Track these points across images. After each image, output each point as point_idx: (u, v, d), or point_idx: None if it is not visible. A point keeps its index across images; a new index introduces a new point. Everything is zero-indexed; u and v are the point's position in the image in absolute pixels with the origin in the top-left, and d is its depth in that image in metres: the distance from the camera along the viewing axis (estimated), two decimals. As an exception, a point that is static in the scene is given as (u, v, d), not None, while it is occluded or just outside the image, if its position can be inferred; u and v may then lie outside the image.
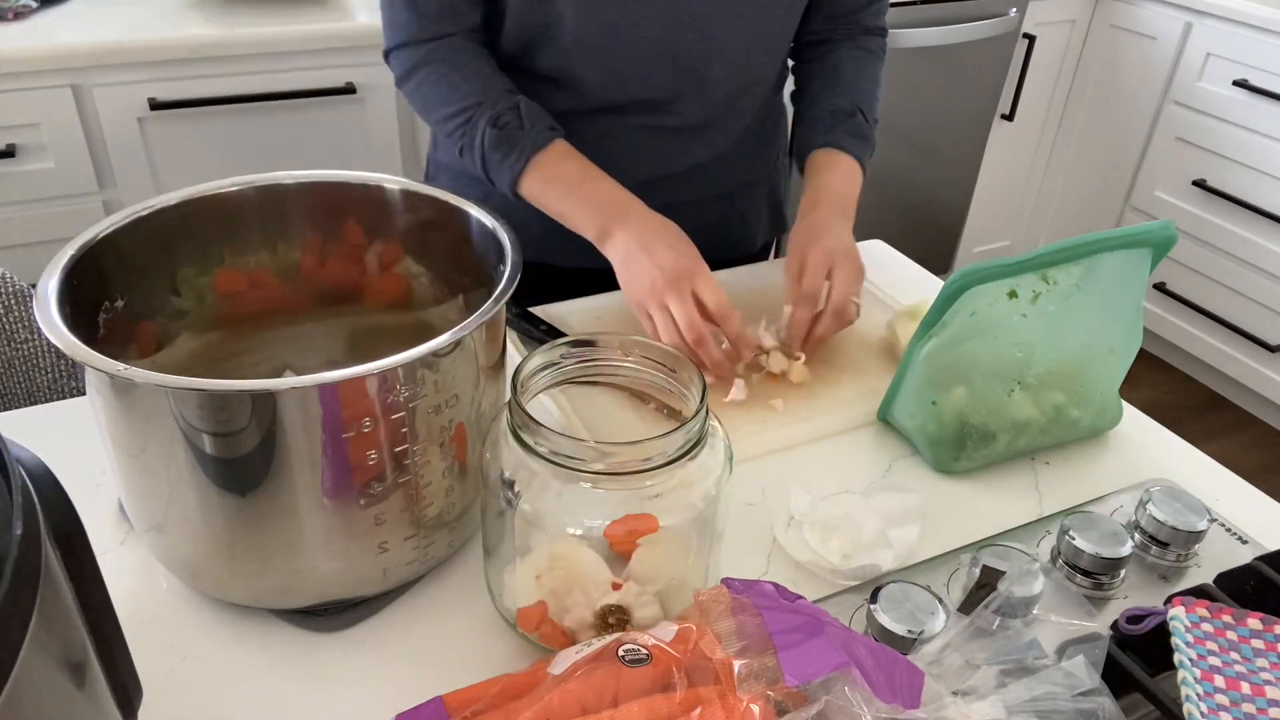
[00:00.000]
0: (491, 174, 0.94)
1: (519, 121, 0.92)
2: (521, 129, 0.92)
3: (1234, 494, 0.84)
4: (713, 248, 1.11)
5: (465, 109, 0.93)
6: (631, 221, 0.89)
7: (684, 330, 0.84)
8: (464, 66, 0.94)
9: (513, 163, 0.92)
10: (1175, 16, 2.34)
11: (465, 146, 0.94)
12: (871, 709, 0.49)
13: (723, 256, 1.13)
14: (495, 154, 0.92)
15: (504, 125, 0.92)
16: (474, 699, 0.54)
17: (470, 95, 0.93)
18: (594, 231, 0.91)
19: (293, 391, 0.55)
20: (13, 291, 1.07)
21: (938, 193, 2.59)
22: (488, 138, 0.92)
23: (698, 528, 0.63)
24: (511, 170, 0.92)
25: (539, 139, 0.92)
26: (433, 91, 0.95)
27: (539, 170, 0.92)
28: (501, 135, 0.92)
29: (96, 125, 1.61)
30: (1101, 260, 0.79)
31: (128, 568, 0.71)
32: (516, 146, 0.92)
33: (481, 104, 0.93)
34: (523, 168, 0.92)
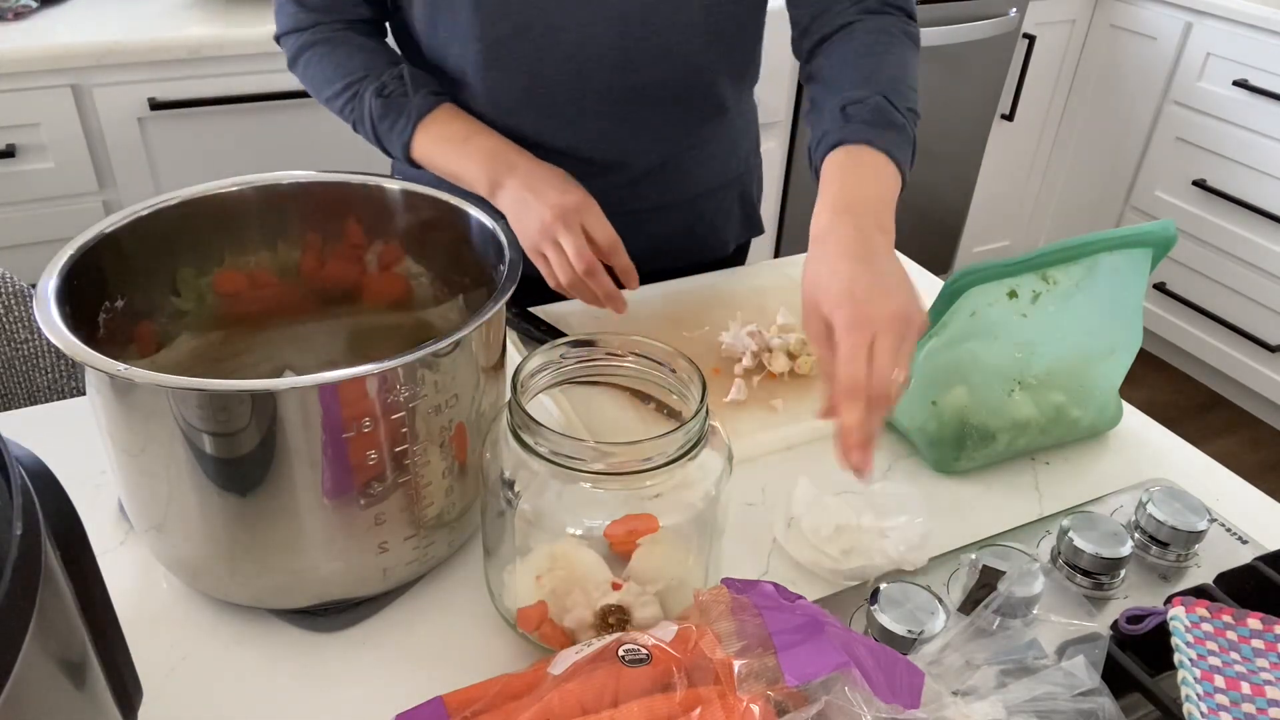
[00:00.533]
0: (384, 143, 0.95)
1: (403, 88, 0.93)
2: (406, 95, 0.92)
3: (1234, 494, 0.84)
4: (684, 253, 1.10)
5: (351, 84, 0.94)
6: (520, 170, 0.89)
7: (574, 260, 0.85)
8: (348, 43, 0.95)
9: (401, 128, 0.92)
10: (1175, 16, 2.34)
11: (356, 121, 0.95)
12: (871, 709, 0.49)
13: (694, 261, 1.12)
14: (384, 123, 0.93)
15: (389, 94, 0.92)
16: (474, 699, 0.54)
17: (355, 70, 0.94)
18: (485, 184, 0.90)
19: (293, 391, 0.55)
20: (13, 291, 1.07)
21: (938, 193, 2.59)
22: (374, 108, 0.92)
23: (698, 528, 0.63)
24: (401, 136, 0.92)
25: (424, 103, 0.92)
26: (318, 71, 0.96)
27: (426, 132, 0.92)
28: (388, 104, 0.92)
29: (96, 125, 1.61)
30: (1101, 260, 0.79)
31: (128, 568, 0.71)
32: (404, 113, 0.92)
33: (366, 76, 0.93)
34: (411, 132, 0.92)
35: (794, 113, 2.23)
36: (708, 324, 1.00)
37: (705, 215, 1.12)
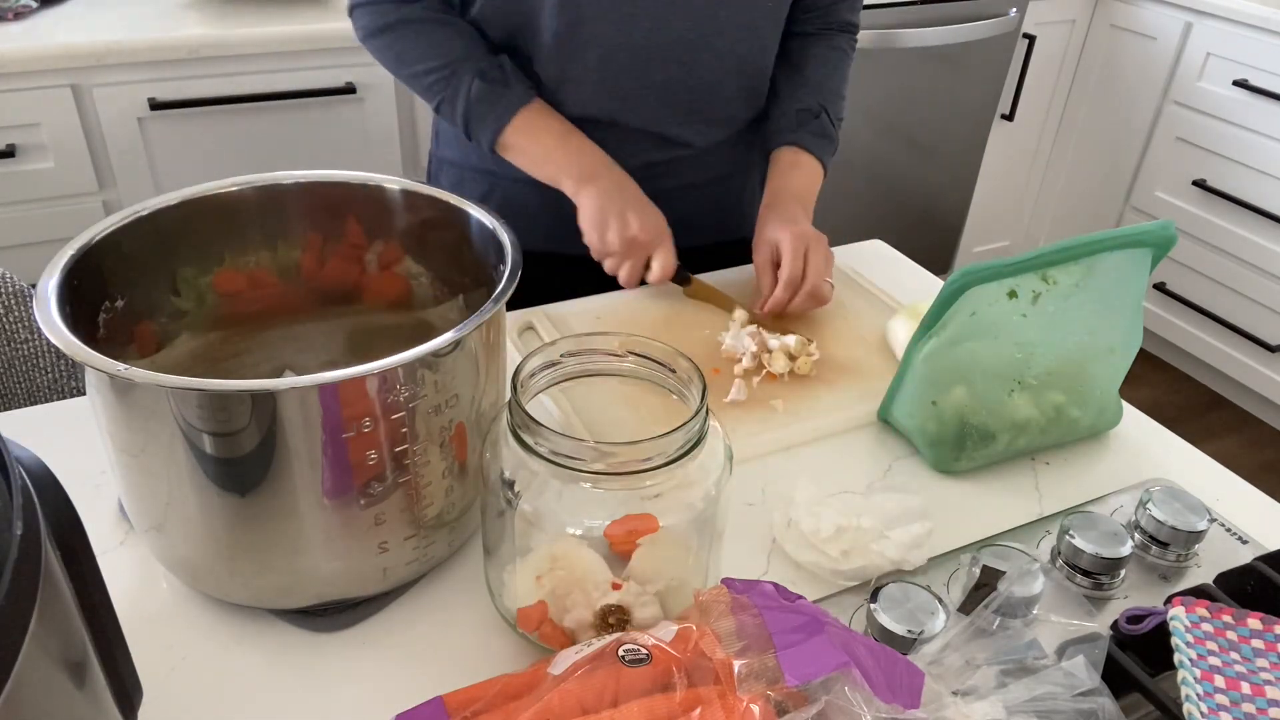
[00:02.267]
0: (473, 125, 0.98)
1: (504, 77, 0.97)
2: (507, 85, 0.97)
3: (1234, 494, 0.83)
4: (710, 230, 1.14)
5: (449, 63, 0.96)
6: (613, 177, 0.98)
7: (621, 281, 1.00)
8: (446, 24, 0.98)
9: (499, 114, 0.96)
10: (1175, 16, 2.34)
11: (445, 100, 0.98)
12: (871, 709, 0.49)
13: (720, 239, 1.16)
14: (482, 105, 0.96)
15: (491, 79, 0.96)
16: (474, 699, 0.54)
17: (454, 50, 0.97)
18: (574, 176, 0.96)
19: (293, 391, 0.55)
20: (13, 291, 1.07)
21: (938, 193, 2.59)
22: (475, 90, 0.96)
23: (698, 528, 0.63)
24: (497, 122, 0.97)
25: (524, 95, 0.97)
26: (412, 45, 0.98)
27: (523, 123, 0.97)
28: (488, 89, 0.96)
29: (96, 125, 1.61)
30: (1101, 260, 0.79)
31: (128, 568, 0.71)
32: (503, 100, 0.96)
33: (466, 59, 0.96)
34: (509, 119, 0.96)
35: (794, 113, 2.23)
36: (708, 324, 1.00)
37: (732, 194, 1.17)
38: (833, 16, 1.11)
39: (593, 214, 0.96)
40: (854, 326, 1.02)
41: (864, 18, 2.21)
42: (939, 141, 2.48)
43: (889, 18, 2.19)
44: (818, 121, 1.07)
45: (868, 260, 1.17)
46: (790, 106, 1.08)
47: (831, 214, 2.46)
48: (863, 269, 1.13)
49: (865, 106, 2.30)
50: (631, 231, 0.95)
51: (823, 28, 1.11)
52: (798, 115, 1.07)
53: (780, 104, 1.09)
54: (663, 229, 0.98)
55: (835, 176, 2.37)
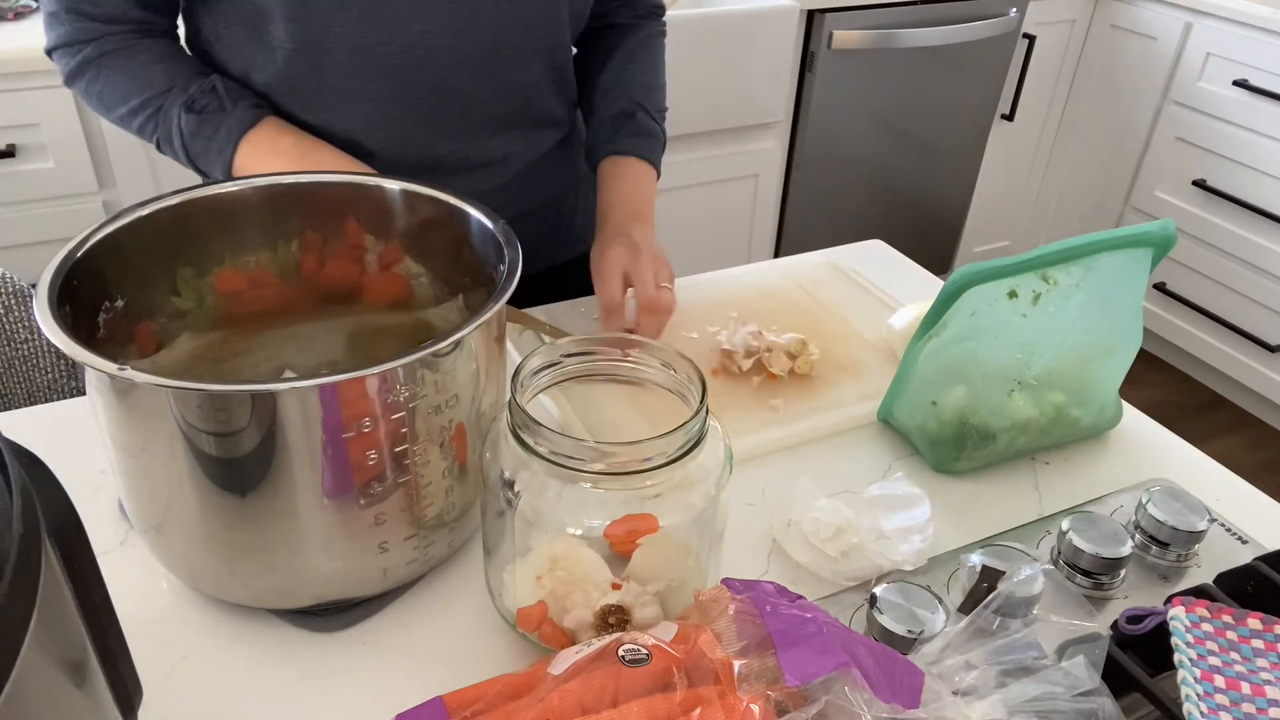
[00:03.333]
0: (199, 162, 0.86)
1: (217, 102, 0.84)
2: (223, 110, 0.84)
3: (1234, 494, 0.84)
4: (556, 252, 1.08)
5: (152, 98, 0.84)
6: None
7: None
8: (145, 51, 0.85)
9: (220, 146, 0.84)
10: (1175, 16, 2.34)
11: (162, 140, 0.86)
12: (871, 709, 0.49)
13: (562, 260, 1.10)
14: (197, 141, 0.84)
15: (202, 109, 0.84)
16: (474, 699, 0.54)
17: (155, 83, 0.84)
18: None
19: (293, 392, 0.55)
20: (13, 291, 1.07)
21: (938, 193, 2.59)
22: (185, 124, 0.84)
23: (698, 528, 0.63)
24: (221, 156, 0.84)
25: (246, 116, 0.84)
26: (110, 87, 0.85)
27: (252, 149, 0.84)
28: (201, 120, 0.84)
29: (96, 125, 1.61)
30: (1101, 260, 0.79)
31: (128, 568, 0.71)
32: (221, 128, 0.84)
33: (170, 89, 0.84)
34: (233, 151, 0.84)
35: (794, 113, 2.24)
36: (708, 324, 1.00)
37: (566, 214, 1.10)
38: (639, 4, 1.06)
39: None
40: (854, 326, 1.02)
41: (864, 18, 2.22)
42: (939, 141, 2.48)
43: (889, 18, 2.19)
44: (634, 122, 1.00)
45: (868, 260, 1.17)
46: (605, 114, 1.01)
47: (832, 214, 2.46)
48: (863, 269, 1.13)
49: (865, 106, 2.30)
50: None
51: (632, 17, 1.05)
52: (613, 121, 1.01)
53: (595, 114, 1.02)
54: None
55: (835, 176, 2.38)
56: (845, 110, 2.28)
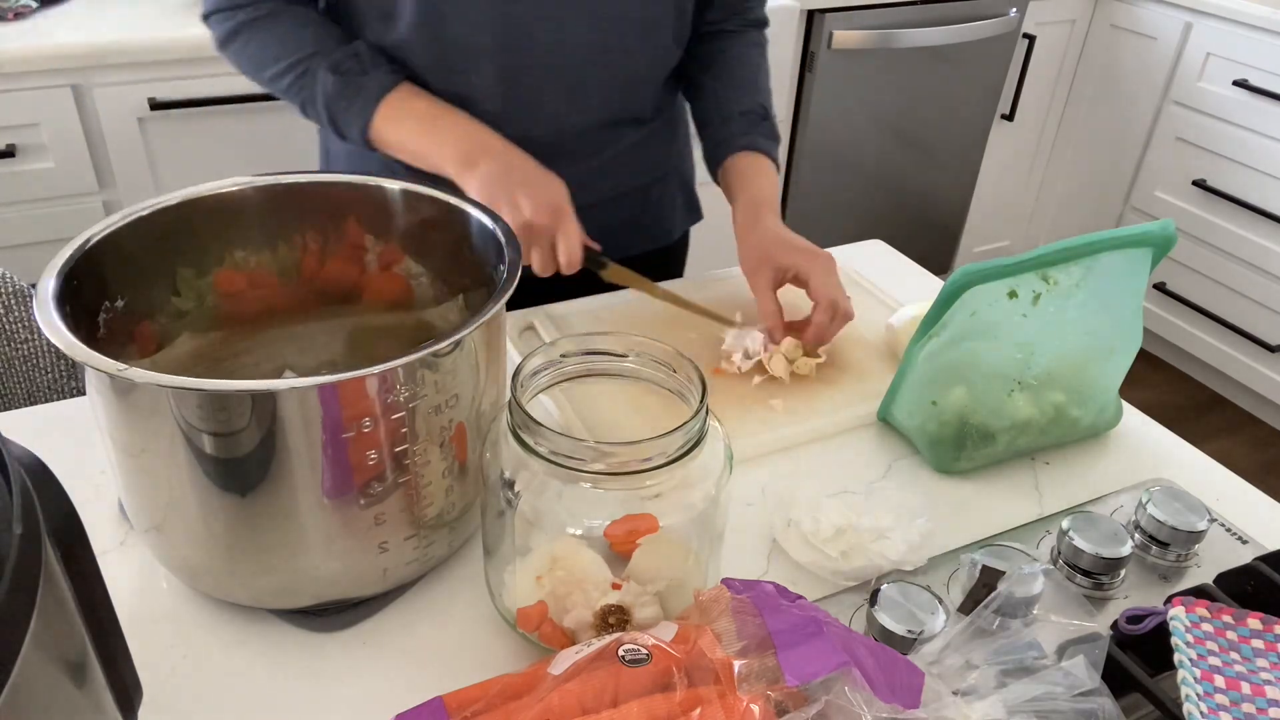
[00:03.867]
0: (339, 123, 0.91)
1: (360, 66, 0.90)
2: (365, 73, 0.89)
3: (1234, 494, 0.84)
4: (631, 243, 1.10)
5: (299, 60, 0.90)
6: (496, 154, 0.88)
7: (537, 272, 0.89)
8: (294, 17, 0.91)
9: (360, 107, 0.89)
10: (1175, 16, 2.34)
11: (306, 101, 0.91)
12: (871, 709, 0.49)
13: (642, 250, 1.12)
14: (340, 102, 0.89)
15: (345, 71, 0.89)
16: (474, 699, 0.54)
17: (303, 46, 0.90)
18: (455, 163, 0.88)
19: (293, 391, 0.55)
20: (13, 291, 1.07)
21: (938, 193, 2.59)
22: (329, 85, 0.89)
23: (698, 528, 0.63)
24: (361, 115, 0.89)
25: (385, 80, 0.90)
26: (261, 49, 0.91)
27: (390, 110, 0.89)
28: (344, 81, 0.89)
29: (96, 125, 1.61)
30: (1101, 260, 0.79)
31: (128, 568, 0.71)
32: (362, 91, 0.89)
33: (316, 53, 0.89)
34: (372, 111, 0.89)
35: (794, 113, 2.24)
36: (708, 324, 1.00)
37: (650, 205, 1.13)
38: (746, 14, 1.08)
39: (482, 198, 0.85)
40: (854, 326, 1.02)
41: (864, 18, 2.22)
42: (939, 141, 2.48)
43: (889, 18, 2.19)
44: (766, 123, 1.04)
45: (868, 260, 1.17)
46: (732, 110, 1.04)
47: (832, 214, 2.46)
48: (863, 269, 1.13)
49: (865, 106, 2.30)
50: (524, 215, 0.85)
51: (740, 25, 1.08)
52: (743, 118, 1.03)
53: (720, 110, 1.05)
54: (560, 206, 0.87)
55: (835, 176, 2.38)
56: (845, 110, 2.28)
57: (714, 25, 1.07)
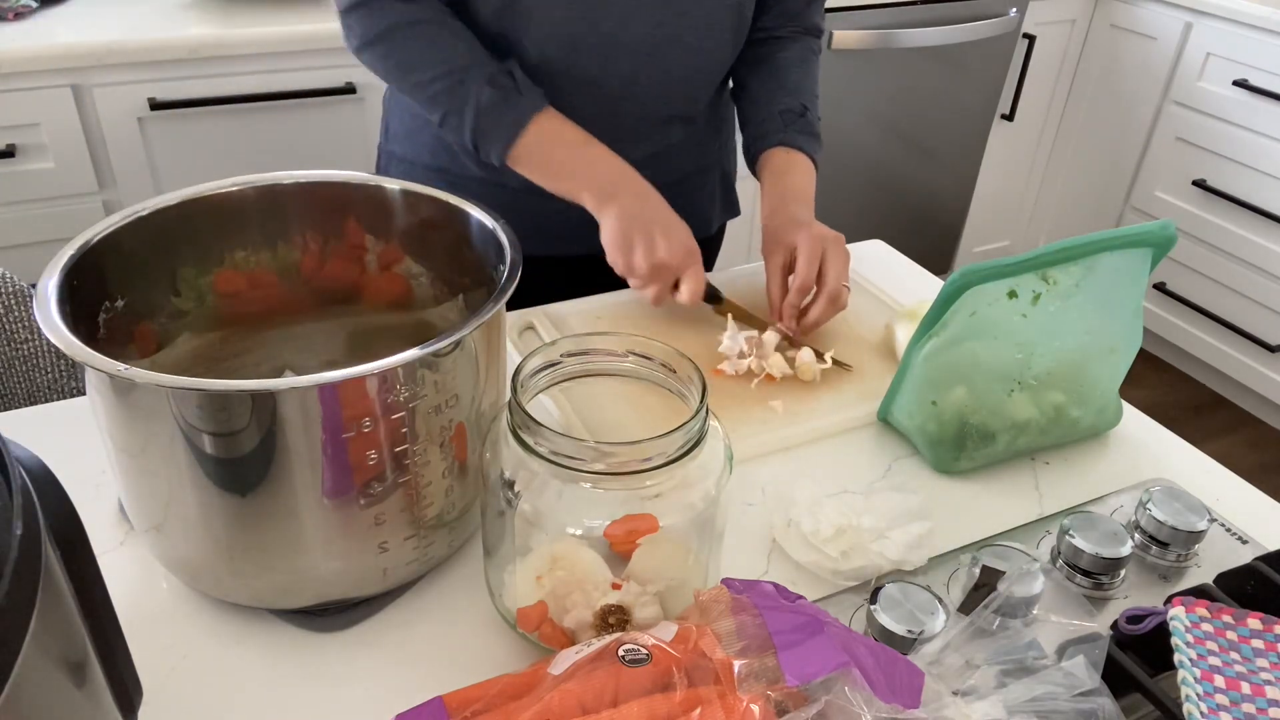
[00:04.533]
0: (483, 136, 0.92)
1: (514, 84, 0.92)
2: (519, 92, 0.92)
3: (1234, 494, 0.84)
4: None
5: (455, 70, 0.91)
6: (635, 192, 0.92)
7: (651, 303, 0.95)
8: (450, 28, 0.93)
9: (511, 122, 0.91)
10: (1175, 16, 2.34)
11: (452, 110, 0.92)
12: (871, 709, 0.49)
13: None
14: (490, 115, 0.91)
15: (501, 85, 0.91)
16: (474, 699, 0.54)
17: (460, 56, 0.91)
18: (597, 192, 0.91)
19: (293, 391, 0.55)
20: (13, 291, 1.07)
21: (938, 193, 2.59)
22: (485, 98, 0.90)
23: (698, 528, 0.63)
24: (510, 130, 0.91)
25: (538, 102, 0.92)
26: (415, 51, 0.92)
27: (539, 131, 0.92)
28: (499, 95, 0.91)
29: (96, 125, 1.61)
30: (1101, 260, 0.79)
31: (128, 568, 0.71)
32: (515, 107, 0.91)
33: (473, 66, 0.91)
34: (522, 128, 0.91)
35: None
36: (708, 324, 1.00)
37: (690, 196, 1.14)
38: (801, 21, 1.10)
39: (616, 236, 0.91)
40: (854, 326, 1.02)
41: (864, 18, 2.22)
42: (939, 141, 2.48)
43: (889, 18, 2.19)
44: (803, 120, 1.06)
45: (868, 260, 1.17)
46: (773, 109, 1.06)
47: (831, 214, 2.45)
48: (863, 269, 1.13)
49: (865, 106, 2.30)
50: (659, 255, 0.90)
51: (794, 32, 1.10)
52: (782, 116, 1.06)
53: (761, 107, 1.07)
54: (692, 249, 0.93)
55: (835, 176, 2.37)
56: (845, 110, 2.28)
57: (767, 31, 1.09)
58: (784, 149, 1.05)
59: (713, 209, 1.19)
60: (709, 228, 1.20)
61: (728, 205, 1.23)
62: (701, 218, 1.17)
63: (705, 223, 1.18)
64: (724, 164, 1.19)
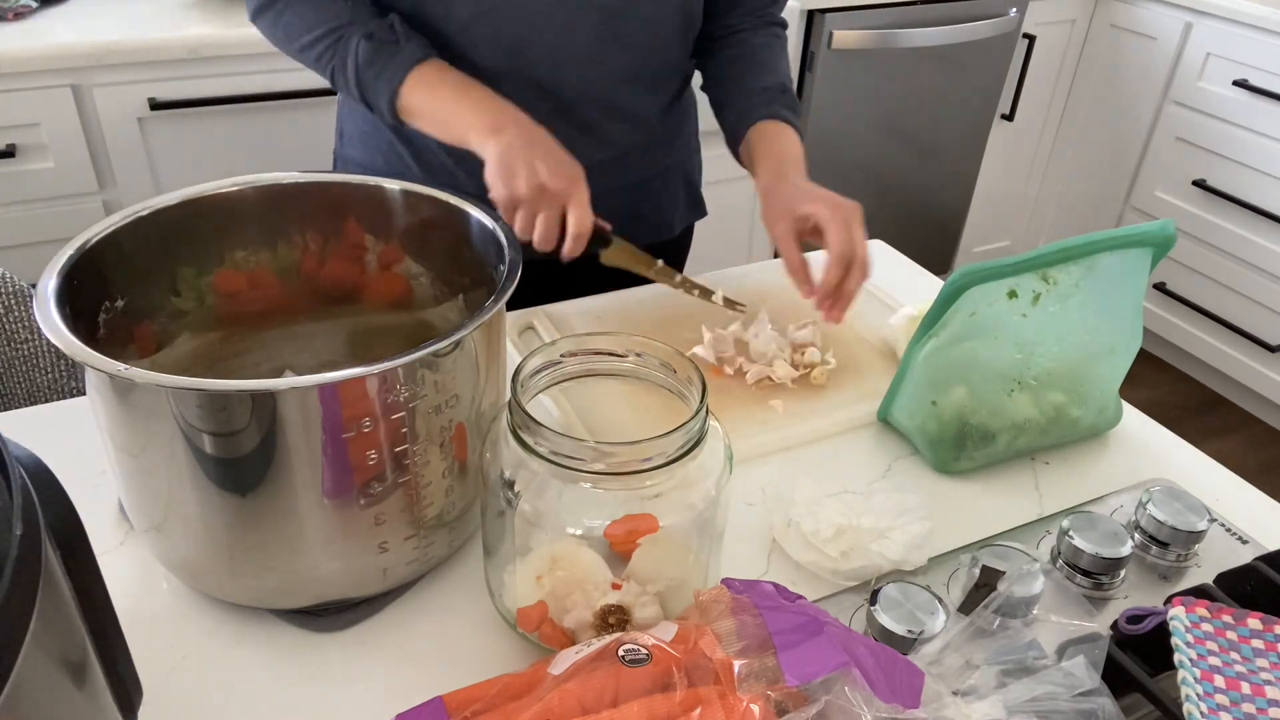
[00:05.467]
0: (367, 91, 0.91)
1: (394, 36, 0.90)
2: (398, 43, 0.90)
3: (1234, 494, 0.84)
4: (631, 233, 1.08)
5: (334, 29, 0.90)
6: (523, 124, 0.88)
7: (537, 241, 0.85)
8: None
9: (391, 74, 0.89)
10: (1175, 16, 2.34)
11: (337, 68, 0.91)
12: (871, 709, 0.49)
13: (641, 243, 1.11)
14: (371, 69, 0.89)
15: (379, 39, 0.90)
16: (474, 699, 0.54)
17: (338, 15, 0.90)
18: (482, 127, 0.87)
19: (293, 391, 0.55)
20: (13, 291, 1.07)
21: (938, 193, 2.59)
22: (362, 52, 0.89)
23: (698, 528, 0.63)
24: (390, 83, 0.89)
25: (418, 51, 0.90)
26: (295, 18, 0.92)
27: (421, 78, 0.89)
28: (376, 48, 0.89)
29: (96, 125, 1.61)
30: (1101, 260, 0.79)
31: (128, 568, 0.71)
32: (395, 58, 0.89)
33: (352, 22, 0.90)
34: (402, 78, 0.89)
35: (794, 113, 2.23)
36: (708, 324, 1.00)
37: (652, 198, 1.14)
38: (766, 16, 1.10)
39: (497, 163, 0.85)
40: (854, 326, 1.02)
41: (864, 18, 2.22)
42: (939, 141, 2.48)
43: (889, 18, 2.19)
44: (785, 95, 1.05)
45: (868, 260, 1.17)
46: (752, 87, 1.05)
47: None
48: (863, 269, 1.13)
49: (865, 106, 2.30)
50: (540, 178, 0.84)
51: (757, 24, 1.10)
52: (764, 93, 1.04)
53: (738, 90, 1.06)
54: (577, 178, 0.87)
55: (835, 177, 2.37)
56: (845, 110, 2.28)
57: (731, 29, 1.09)
58: (771, 121, 1.03)
59: (675, 211, 1.19)
60: (672, 230, 1.19)
61: (692, 206, 1.22)
62: (664, 220, 1.17)
63: (668, 225, 1.18)
64: (686, 166, 1.19)
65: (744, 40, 1.09)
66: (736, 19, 1.09)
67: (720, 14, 1.07)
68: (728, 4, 1.07)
